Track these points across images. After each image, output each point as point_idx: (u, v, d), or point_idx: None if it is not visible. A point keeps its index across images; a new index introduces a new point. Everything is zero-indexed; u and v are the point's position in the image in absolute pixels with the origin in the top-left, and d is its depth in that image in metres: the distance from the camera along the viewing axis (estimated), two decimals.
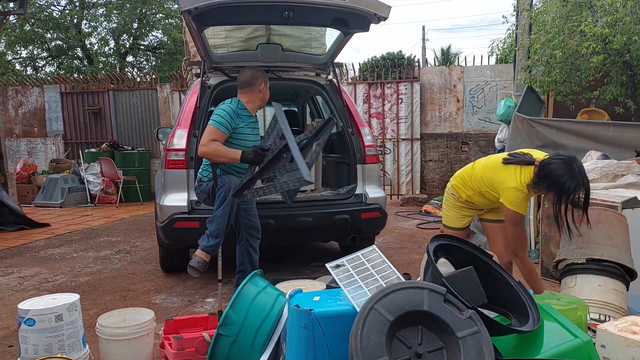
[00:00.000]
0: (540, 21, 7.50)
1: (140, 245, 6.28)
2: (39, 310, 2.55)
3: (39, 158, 11.55)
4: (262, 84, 3.78)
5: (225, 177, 3.65)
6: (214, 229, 3.53)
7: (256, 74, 3.79)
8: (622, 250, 3.28)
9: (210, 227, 3.55)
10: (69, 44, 17.98)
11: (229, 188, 3.53)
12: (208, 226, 3.58)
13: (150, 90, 11.09)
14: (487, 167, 3.07)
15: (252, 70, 3.83)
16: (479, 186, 3.09)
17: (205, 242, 3.55)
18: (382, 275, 2.30)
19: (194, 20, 3.66)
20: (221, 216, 3.52)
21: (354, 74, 10.55)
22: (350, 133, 4.67)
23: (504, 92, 9.38)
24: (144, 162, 10.66)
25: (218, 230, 3.52)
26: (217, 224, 3.52)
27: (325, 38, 4.74)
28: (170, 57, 18.55)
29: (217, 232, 3.52)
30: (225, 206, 3.53)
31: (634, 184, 4.81)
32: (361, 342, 1.77)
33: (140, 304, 4.01)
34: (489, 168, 3.04)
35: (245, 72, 3.81)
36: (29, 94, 11.76)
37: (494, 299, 2.31)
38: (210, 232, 3.54)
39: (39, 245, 6.46)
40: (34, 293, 4.32)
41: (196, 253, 3.58)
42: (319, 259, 5.18)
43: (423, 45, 28.50)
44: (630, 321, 2.37)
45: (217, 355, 2.53)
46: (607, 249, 3.25)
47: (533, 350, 2.07)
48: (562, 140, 6.79)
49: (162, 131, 5.29)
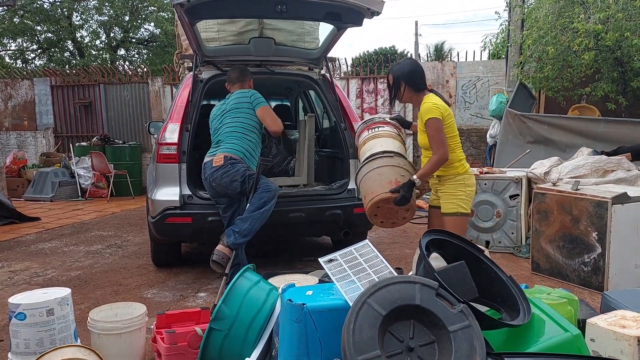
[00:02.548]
0: (533, 17, 7.53)
1: (131, 240, 6.26)
2: (30, 305, 2.53)
3: (29, 151, 11.46)
4: (251, 80, 4.23)
5: (272, 182, 3.78)
6: (246, 228, 3.56)
7: (245, 70, 4.25)
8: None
9: (242, 225, 3.58)
10: (59, 36, 17.82)
11: (273, 195, 3.65)
12: (239, 223, 3.60)
13: (141, 84, 11.02)
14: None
15: (241, 67, 4.26)
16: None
17: (233, 239, 3.57)
18: (374, 269, 2.31)
19: (186, 14, 3.63)
20: (259, 219, 3.59)
21: (347, 68, 10.55)
22: (343, 128, 4.66)
23: (496, 88, 9.41)
24: (135, 156, 10.60)
25: (250, 230, 3.57)
26: (252, 224, 3.58)
27: (318, 32, 4.73)
28: (162, 51, 18.45)
29: (249, 232, 3.57)
30: (265, 211, 3.61)
31: (624, 180, 4.86)
32: (353, 336, 1.78)
33: (132, 298, 4.00)
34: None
35: (235, 70, 4.18)
36: (19, 86, 11.65)
37: (485, 293, 2.33)
38: (240, 230, 3.57)
39: (30, 239, 6.41)
40: (24, 287, 4.30)
41: (219, 248, 3.59)
42: (311, 253, 5.19)
43: (416, 40, 28.52)
44: (619, 315, 2.40)
45: (210, 349, 2.53)
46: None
47: (524, 344, 2.09)
48: (553, 136, 6.85)
49: (154, 125, 5.26)
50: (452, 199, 3.27)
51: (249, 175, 3.70)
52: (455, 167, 3.29)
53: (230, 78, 4.22)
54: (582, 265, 4.09)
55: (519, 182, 5.17)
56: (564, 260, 4.24)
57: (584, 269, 4.08)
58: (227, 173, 3.70)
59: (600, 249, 3.95)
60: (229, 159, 3.72)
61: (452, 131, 3.29)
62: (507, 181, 5.22)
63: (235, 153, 3.77)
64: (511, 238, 5.20)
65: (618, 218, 3.90)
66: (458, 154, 3.31)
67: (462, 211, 3.26)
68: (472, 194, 3.35)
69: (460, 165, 3.31)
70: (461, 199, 3.27)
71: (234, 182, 3.70)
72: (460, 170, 3.29)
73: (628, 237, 3.98)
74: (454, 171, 3.29)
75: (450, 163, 3.27)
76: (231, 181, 3.70)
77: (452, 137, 3.29)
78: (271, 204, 3.64)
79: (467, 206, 3.29)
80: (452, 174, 3.29)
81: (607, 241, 3.90)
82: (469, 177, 3.32)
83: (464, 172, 3.30)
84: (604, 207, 3.91)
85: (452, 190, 3.29)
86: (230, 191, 3.77)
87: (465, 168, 3.33)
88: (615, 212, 3.88)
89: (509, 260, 5.00)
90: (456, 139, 3.34)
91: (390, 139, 3.56)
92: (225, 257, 3.56)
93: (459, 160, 3.31)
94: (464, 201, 3.28)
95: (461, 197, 3.27)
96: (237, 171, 3.69)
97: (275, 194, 3.70)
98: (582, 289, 4.05)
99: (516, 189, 5.17)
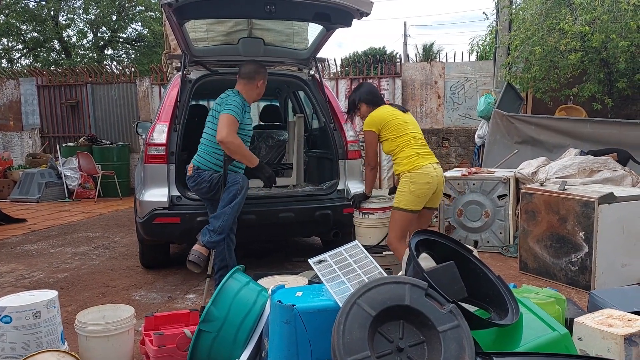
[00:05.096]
0: (520, 18, 7.60)
1: (119, 241, 6.21)
2: (16, 307, 2.50)
3: (15, 152, 11.33)
4: (261, 81, 3.88)
5: (239, 175, 3.69)
6: (219, 225, 3.52)
7: (259, 69, 3.89)
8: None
9: (215, 223, 3.54)
10: (45, 36, 17.63)
11: (241, 187, 3.57)
12: (212, 222, 3.57)
13: (129, 84, 10.94)
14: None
15: (256, 66, 3.92)
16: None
17: (207, 238, 3.54)
18: (364, 270, 2.32)
19: (175, 13, 3.61)
20: (230, 214, 3.53)
21: (336, 69, 10.55)
22: (332, 129, 4.66)
23: (484, 89, 9.48)
24: (122, 157, 10.52)
25: (224, 227, 3.52)
26: (225, 221, 3.52)
27: (308, 33, 4.72)
28: (150, 50, 18.33)
29: (223, 229, 3.52)
30: (234, 205, 3.55)
31: (610, 179, 4.92)
32: (343, 337, 1.78)
33: (120, 300, 3.97)
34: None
35: (248, 65, 3.90)
36: (4, 86, 11.51)
37: (474, 293, 2.34)
38: (214, 228, 3.53)
39: (16, 241, 6.34)
40: (10, 290, 4.24)
41: (195, 248, 3.55)
42: (301, 254, 5.18)
43: (404, 41, 28.61)
44: (606, 314, 2.42)
45: (199, 351, 2.52)
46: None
47: (512, 343, 2.10)
48: (541, 136, 6.91)
49: (142, 125, 5.23)
50: (398, 194, 3.61)
51: (215, 177, 3.71)
52: (403, 164, 3.58)
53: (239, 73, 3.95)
54: (569, 264, 4.13)
55: (507, 182, 5.21)
56: (551, 260, 4.27)
57: (571, 268, 4.12)
58: (196, 181, 3.77)
59: (587, 249, 3.99)
60: (196, 169, 3.78)
61: (398, 132, 3.64)
62: (495, 181, 5.25)
63: (200, 165, 3.77)
64: (499, 238, 5.24)
65: (604, 218, 3.94)
66: (407, 151, 3.59)
67: (401, 206, 3.54)
68: (419, 192, 3.54)
69: (408, 162, 3.56)
70: (403, 195, 3.54)
71: (203, 188, 3.74)
72: (407, 167, 3.55)
73: (614, 237, 4.02)
74: (401, 168, 3.60)
75: (400, 161, 3.60)
76: (200, 188, 3.77)
77: (399, 137, 3.63)
78: (240, 196, 3.57)
79: (408, 203, 3.53)
80: (401, 170, 3.61)
81: (594, 240, 3.93)
82: (416, 175, 3.52)
83: (410, 169, 3.53)
84: (590, 207, 3.95)
85: (400, 187, 3.59)
86: (207, 197, 3.80)
87: (412, 165, 3.54)
88: (602, 212, 3.92)
89: (498, 259, 5.03)
90: (405, 138, 3.62)
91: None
92: (201, 256, 3.53)
93: (407, 157, 3.56)
94: (407, 198, 3.53)
95: (404, 193, 3.54)
96: (203, 179, 3.74)
97: (243, 185, 3.62)
98: (570, 288, 4.08)
99: (504, 189, 5.21)
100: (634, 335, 2.21)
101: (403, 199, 3.54)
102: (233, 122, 3.58)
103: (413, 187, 3.51)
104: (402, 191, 3.56)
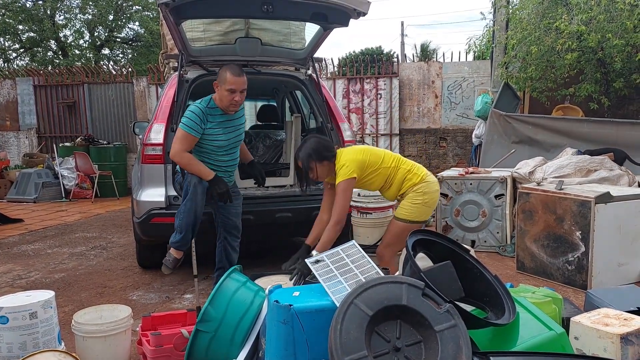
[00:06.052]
0: (517, 18, 7.61)
1: (116, 241, 6.20)
2: (13, 308, 2.50)
3: (12, 152, 11.30)
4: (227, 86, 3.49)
5: (191, 175, 3.63)
6: (177, 224, 3.52)
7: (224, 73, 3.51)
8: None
9: (175, 222, 3.54)
10: (42, 36, 17.57)
11: (192, 184, 3.49)
12: (175, 221, 3.57)
13: (126, 84, 10.92)
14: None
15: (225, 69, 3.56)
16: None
17: (172, 238, 3.54)
18: (361, 270, 2.32)
19: (172, 13, 3.60)
20: (184, 212, 3.49)
21: (333, 69, 10.55)
22: (330, 128, 4.66)
23: (481, 88, 9.49)
24: (119, 157, 10.50)
25: (181, 225, 3.49)
26: (180, 219, 3.49)
27: (305, 33, 4.72)
28: (147, 50, 18.29)
29: (181, 227, 3.49)
30: (187, 201, 3.49)
31: (607, 179, 4.93)
32: (341, 337, 1.78)
33: (117, 300, 3.97)
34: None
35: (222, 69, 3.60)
36: (1, 86, 11.49)
37: (471, 292, 2.35)
38: (175, 227, 3.53)
39: (12, 241, 6.32)
40: (7, 290, 4.23)
41: (169, 250, 3.58)
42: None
43: (402, 40, 28.58)
44: (603, 314, 2.43)
45: (196, 351, 2.52)
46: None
47: (509, 343, 2.11)
48: (538, 136, 6.93)
49: (139, 125, 5.21)
50: (408, 207, 3.34)
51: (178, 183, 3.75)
52: (409, 179, 3.35)
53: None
54: (566, 264, 4.14)
55: (504, 182, 5.21)
56: (548, 259, 4.28)
57: (568, 268, 4.13)
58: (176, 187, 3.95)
59: (584, 248, 4.00)
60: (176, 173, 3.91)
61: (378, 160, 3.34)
62: (492, 181, 5.26)
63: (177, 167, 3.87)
64: (496, 237, 5.24)
65: (601, 217, 3.95)
66: (402, 167, 3.37)
67: (410, 218, 3.33)
68: (432, 201, 3.38)
69: (413, 175, 3.35)
70: (416, 207, 3.32)
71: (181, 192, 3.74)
72: (415, 180, 3.34)
73: (611, 236, 4.03)
74: (408, 184, 3.35)
75: (400, 182, 3.36)
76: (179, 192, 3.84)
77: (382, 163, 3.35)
78: (191, 192, 3.48)
79: (420, 214, 3.34)
80: (408, 187, 3.35)
81: (591, 240, 3.94)
82: (426, 185, 3.35)
83: (419, 181, 3.34)
84: (587, 207, 3.96)
85: (411, 201, 3.34)
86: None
87: (419, 176, 3.35)
88: (599, 212, 3.93)
89: (495, 259, 5.04)
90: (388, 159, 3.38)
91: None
92: (170, 256, 3.54)
93: (407, 171, 3.36)
94: (419, 209, 3.33)
95: (417, 205, 3.32)
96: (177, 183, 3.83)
97: (192, 180, 3.50)
98: (566, 287, 4.09)
99: (501, 188, 5.22)
100: (630, 334, 2.22)
101: (415, 211, 3.32)
102: (184, 137, 3.47)
103: (427, 198, 3.34)
104: (415, 203, 3.32)
